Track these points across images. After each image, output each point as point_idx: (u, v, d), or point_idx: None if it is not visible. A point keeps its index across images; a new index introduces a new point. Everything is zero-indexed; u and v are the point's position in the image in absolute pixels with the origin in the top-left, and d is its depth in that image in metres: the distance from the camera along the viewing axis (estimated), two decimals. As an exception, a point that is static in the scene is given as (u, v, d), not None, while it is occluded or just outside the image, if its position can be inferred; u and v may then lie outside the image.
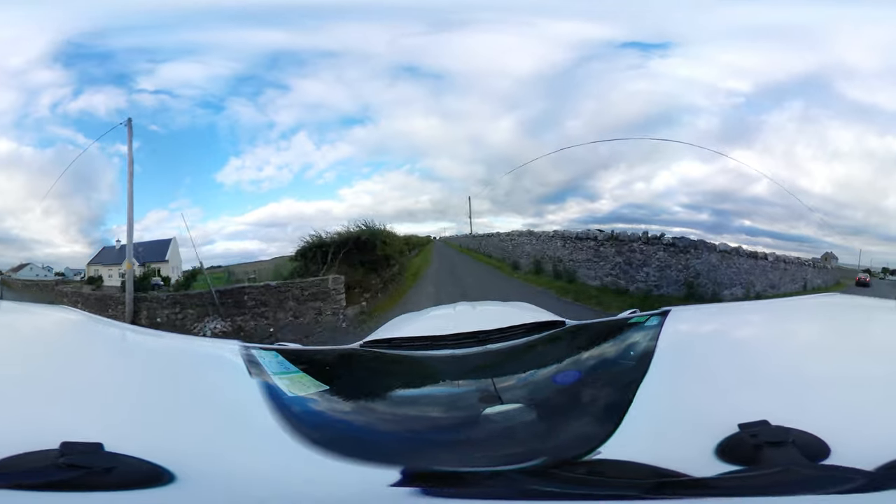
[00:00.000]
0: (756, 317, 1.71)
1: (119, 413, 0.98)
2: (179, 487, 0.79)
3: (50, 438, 0.81)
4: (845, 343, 1.36)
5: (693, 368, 1.17)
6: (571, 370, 1.33)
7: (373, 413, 1.19)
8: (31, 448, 0.79)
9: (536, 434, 1.01)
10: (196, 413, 1.04)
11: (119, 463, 0.80)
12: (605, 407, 1.06)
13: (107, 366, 1.29)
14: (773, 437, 0.81)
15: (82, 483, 0.77)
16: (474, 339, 1.58)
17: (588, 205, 9.82)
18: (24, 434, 0.83)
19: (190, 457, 0.84)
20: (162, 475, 0.80)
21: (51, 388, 1.04)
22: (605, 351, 1.49)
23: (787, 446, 0.79)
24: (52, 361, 1.21)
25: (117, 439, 0.83)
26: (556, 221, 10.07)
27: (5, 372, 1.08)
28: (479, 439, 1.01)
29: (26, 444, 0.80)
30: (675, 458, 0.81)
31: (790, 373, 1.09)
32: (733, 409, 0.89)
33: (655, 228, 8.65)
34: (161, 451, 0.83)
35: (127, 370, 1.27)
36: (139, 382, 1.17)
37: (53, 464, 0.78)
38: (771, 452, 0.78)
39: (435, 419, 1.14)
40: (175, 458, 0.82)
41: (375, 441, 1.02)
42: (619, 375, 1.21)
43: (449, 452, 0.97)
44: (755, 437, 0.81)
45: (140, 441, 0.85)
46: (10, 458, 0.78)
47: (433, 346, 1.58)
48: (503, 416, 1.05)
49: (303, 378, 1.24)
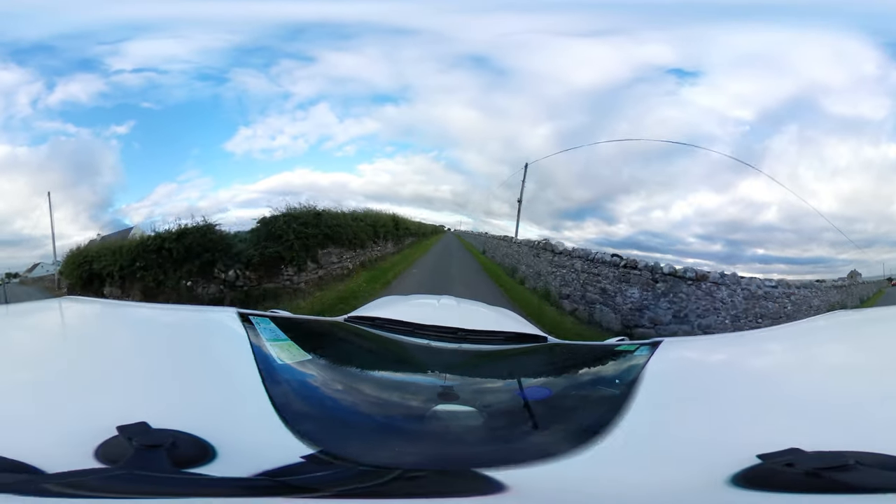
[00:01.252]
0: (753, 347, 1.61)
1: (139, 391, 1.01)
2: (221, 461, 0.80)
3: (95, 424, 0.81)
4: (849, 361, 1.32)
5: (686, 400, 1.12)
6: (541, 387, 1.31)
7: (343, 388, 1.23)
8: (92, 436, 0.80)
9: (474, 440, 1.02)
10: (205, 384, 1.08)
11: (175, 438, 0.80)
12: (569, 430, 1.02)
13: (117, 346, 1.34)
14: (825, 462, 0.76)
15: (168, 462, 0.76)
16: (452, 334, 1.58)
17: (605, 227, 9.81)
18: (80, 423, 0.85)
19: (215, 430, 0.85)
20: (208, 449, 0.81)
21: (73, 375, 1.06)
22: (585, 374, 1.46)
23: (857, 468, 0.74)
24: (66, 350, 1.27)
25: (153, 416, 0.84)
26: (573, 238, 10.09)
27: (22, 370, 1.10)
28: (418, 432, 1.02)
29: (87, 432, 0.81)
30: (669, 489, 0.79)
31: (796, 399, 1.05)
32: (741, 440, 0.86)
33: (670, 258, 8.52)
34: (191, 425, 0.84)
35: (141, 347, 1.32)
36: (153, 357, 1.22)
37: (138, 447, 0.77)
38: (838, 476, 0.74)
39: (393, 404, 1.16)
40: (206, 432, 0.83)
41: (338, 418, 1.06)
42: (596, 402, 1.18)
43: (394, 441, 0.98)
44: (792, 466, 0.76)
45: (173, 416, 0.86)
46: (98, 447, 0.79)
47: (411, 333, 1.60)
48: (451, 416, 1.06)
49: (291, 346, 1.31)
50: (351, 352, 1.59)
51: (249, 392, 1.03)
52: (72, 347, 1.34)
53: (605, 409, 1.02)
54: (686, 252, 9.15)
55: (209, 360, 1.26)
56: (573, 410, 1.17)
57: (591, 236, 10.01)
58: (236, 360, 1.18)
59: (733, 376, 1.32)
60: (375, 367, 1.43)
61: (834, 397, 1.04)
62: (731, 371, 1.40)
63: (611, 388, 1.23)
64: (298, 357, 1.27)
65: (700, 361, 1.50)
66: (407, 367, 1.48)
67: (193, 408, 0.97)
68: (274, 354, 1.22)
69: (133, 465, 0.75)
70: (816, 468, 0.75)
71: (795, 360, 1.45)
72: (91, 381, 1.06)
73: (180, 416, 0.89)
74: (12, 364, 1.13)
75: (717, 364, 1.47)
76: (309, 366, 1.26)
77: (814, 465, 0.75)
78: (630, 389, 1.09)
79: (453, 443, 1.00)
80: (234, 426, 0.92)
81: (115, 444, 0.79)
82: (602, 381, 1.36)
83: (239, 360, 1.17)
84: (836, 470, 0.74)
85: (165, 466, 0.76)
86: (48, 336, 1.48)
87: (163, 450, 0.77)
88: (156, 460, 0.76)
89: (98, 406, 0.94)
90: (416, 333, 1.60)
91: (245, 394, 1.04)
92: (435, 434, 1.02)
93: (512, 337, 1.70)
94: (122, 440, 0.79)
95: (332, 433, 0.95)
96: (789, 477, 0.75)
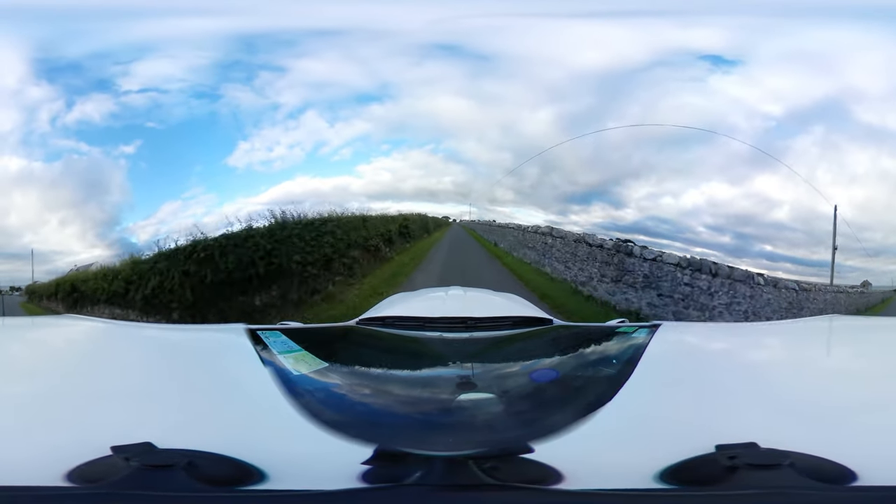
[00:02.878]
0: (750, 339, 1.67)
1: (143, 411, 0.97)
2: (275, 480, 0.78)
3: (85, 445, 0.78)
4: (842, 365, 1.34)
5: (677, 383, 1.15)
6: (549, 369, 1.36)
7: (362, 389, 1.24)
8: (76, 456, 0.77)
9: (498, 425, 1.05)
10: (219, 401, 1.05)
11: (195, 458, 0.77)
12: (574, 409, 1.04)
13: (124, 366, 1.28)
14: (762, 459, 0.76)
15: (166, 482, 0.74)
16: (462, 324, 1.62)
17: (613, 211, 9.72)
18: (70, 443, 0.82)
19: (244, 448, 0.82)
20: (241, 468, 0.78)
21: (64, 393, 1.03)
22: (588, 355, 1.51)
23: (783, 469, 0.75)
24: (68, 369, 1.22)
25: (162, 437, 0.81)
26: (579, 223, 9.91)
27: (26, 385, 1.08)
28: (450, 424, 1.05)
29: (76, 452, 0.77)
30: (631, 468, 0.80)
31: (784, 396, 1.05)
32: (714, 429, 0.87)
33: (679, 246, 8.48)
34: (208, 444, 0.81)
35: (147, 367, 1.28)
36: (159, 378, 1.18)
37: (138, 467, 0.75)
38: (756, 475, 0.74)
39: (421, 400, 1.17)
40: (237, 452, 0.81)
41: (376, 421, 1.06)
42: (596, 381, 1.22)
43: (422, 433, 1.00)
44: (733, 459, 0.77)
45: (183, 436, 0.84)
46: (79, 467, 0.75)
47: (423, 328, 1.62)
48: (474, 404, 1.08)
49: (306, 356, 1.30)
50: (368, 354, 1.61)
51: (271, 407, 1.00)
52: (65, 364, 1.29)
53: (603, 387, 1.08)
54: (695, 241, 9.12)
55: (221, 377, 1.22)
56: (578, 390, 1.20)
57: (597, 220, 9.89)
58: (250, 375, 1.15)
59: (721, 364, 1.36)
60: (395, 365, 1.46)
61: (819, 397, 1.06)
62: (721, 358, 1.44)
63: (609, 368, 1.29)
64: (315, 366, 1.26)
65: (695, 346, 1.55)
66: (425, 361, 1.50)
67: (208, 427, 0.93)
68: (289, 366, 1.20)
69: (127, 485, 0.72)
70: (748, 464, 0.75)
71: (787, 356, 1.47)
72: (84, 399, 1.01)
73: (193, 436, 0.85)
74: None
75: (709, 350, 1.51)
76: (328, 373, 1.26)
77: (748, 462, 0.76)
78: (626, 369, 1.15)
79: (482, 430, 1.02)
80: (265, 443, 0.88)
81: (103, 465, 0.75)
82: (602, 362, 1.41)
83: (253, 375, 1.14)
84: (764, 468, 0.75)
85: (186, 485, 0.73)
86: (42, 351, 1.43)
87: (178, 469, 0.74)
88: (170, 480, 0.73)
89: (90, 425, 0.90)
90: (427, 327, 1.63)
91: (266, 409, 1.01)
92: (464, 423, 1.04)
93: (520, 321, 1.75)
94: (118, 460, 0.75)
95: (376, 434, 0.95)
96: (717, 470, 0.76)
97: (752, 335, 1.72)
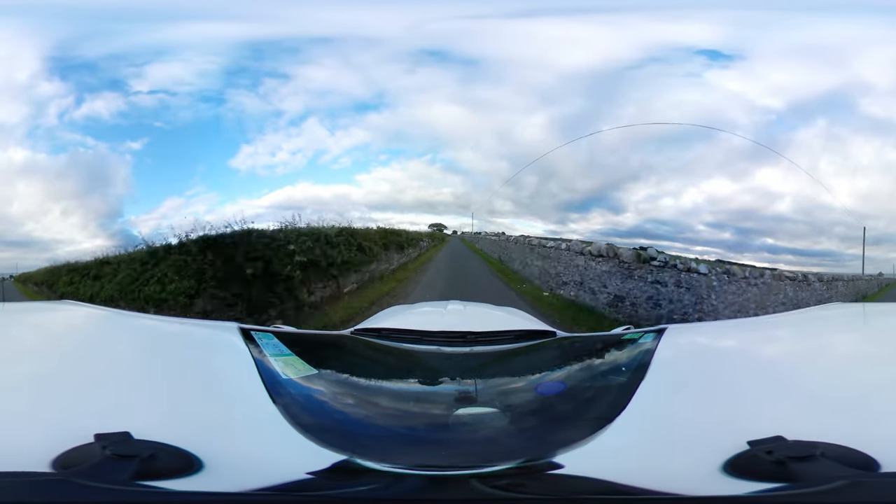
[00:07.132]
0: (757, 334, 1.65)
1: (130, 401, 0.97)
2: (209, 474, 0.78)
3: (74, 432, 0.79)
4: (855, 353, 1.33)
5: (690, 384, 1.13)
6: (556, 381, 1.32)
7: (354, 401, 1.20)
8: (68, 442, 0.78)
9: (503, 441, 1.01)
10: (203, 397, 1.05)
11: (156, 450, 0.78)
12: (587, 420, 1.03)
13: (116, 355, 1.29)
14: (796, 451, 0.77)
15: (136, 473, 0.74)
16: (462, 338, 1.58)
17: (612, 217, 9.85)
18: (58, 429, 0.82)
19: (209, 443, 0.83)
20: (193, 462, 0.79)
21: (61, 381, 1.03)
22: (595, 365, 1.47)
23: (817, 459, 0.75)
24: (62, 355, 1.23)
25: (140, 428, 0.82)
26: (578, 231, 10.02)
27: (19, 370, 1.08)
28: (447, 439, 1.01)
29: (64, 439, 0.78)
30: (667, 475, 0.79)
31: (799, 387, 1.05)
32: (738, 426, 0.85)
33: (679, 247, 8.49)
34: (183, 437, 0.82)
35: (138, 358, 1.28)
36: (149, 369, 1.18)
37: (108, 456, 0.75)
38: (799, 468, 0.74)
39: (412, 414, 1.15)
40: (197, 445, 0.81)
41: (351, 430, 1.04)
42: (607, 391, 1.19)
43: (418, 449, 0.97)
44: (770, 454, 0.77)
45: (164, 428, 0.84)
46: (64, 454, 0.76)
47: (420, 341, 1.58)
48: (474, 419, 1.06)
49: (296, 361, 1.28)
50: (360, 364, 1.57)
51: (250, 406, 1.00)
52: (59, 350, 1.29)
53: (614, 396, 1.05)
54: (695, 240, 9.20)
55: (207, 372, 1.21)
56: (588, 401, 1.18)
57: (597, 227, 9.99)
58: (237, 373, 1.15)
59: (731, 360, 1.35)
60: (386, 377, 1.41)
61: (835, 386, 1.05)
62: (730, 355, 1.44)
63: (619, 377, 1.25)
64: (304, 372, 1.24)
65: (704, 346, 1.53)
66: (419, 375, 1.45)
67: (187, 420, 0.93)
68: (278, 369, 1.19)
69: (86, 474, 0.72)
70: (787, 457, 0.75)
71: (794, 348, 1.48)
72: (75, 386, 1.02)
73: (172, 428, 0.85)
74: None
75: (718, 349, 1.50)
76: (316, 380, 1.23)
77: (785, 455, 0.76)
78: (636, 376, 1.11)
79: (480, 445, 0.99)
80: (231, 440, 0.88)
81: (85, 452, 0.76)
82: (612, 371, 1.38)
83: (240, 373, 1.14)
84: (800, 460, 0.75)
85: (122, 479, 0.73)
86: (38, 337, 1.43)
87: (136, 461, 0.75)
88: (117, 471, 0.73)
89: (76, 412, 0.91)
90: (424, 341, 1.59)
91: (245, 408, 1.00)
92: (459, 439, 1.01)
93: (522, 335, 1.70)
94: (97, 448, 0.76)
95: (344, 444, 0.91)
96: (766, 465, 0.76)
97: (758, 330, 1.71)
